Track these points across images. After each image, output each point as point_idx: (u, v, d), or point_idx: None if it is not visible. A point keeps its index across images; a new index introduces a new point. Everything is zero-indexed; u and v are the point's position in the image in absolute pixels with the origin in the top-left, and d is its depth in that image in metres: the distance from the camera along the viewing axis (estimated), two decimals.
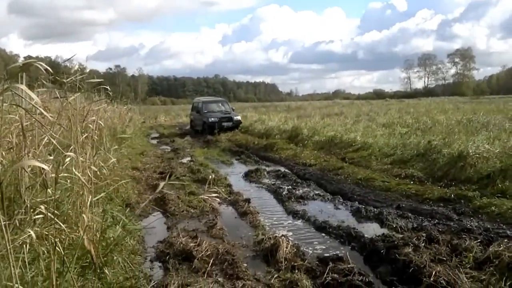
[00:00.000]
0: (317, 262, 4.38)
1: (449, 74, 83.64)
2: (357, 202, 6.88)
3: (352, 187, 7.99)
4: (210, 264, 4.64)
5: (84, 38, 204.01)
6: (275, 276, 4.22)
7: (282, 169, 10.63)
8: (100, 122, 7.30)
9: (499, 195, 6.05)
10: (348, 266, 4.10)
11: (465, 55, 79.61)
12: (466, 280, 3.51)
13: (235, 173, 11.18)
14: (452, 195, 6.37)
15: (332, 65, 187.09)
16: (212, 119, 21.12)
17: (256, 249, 5.12)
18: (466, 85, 74.49)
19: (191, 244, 5.18)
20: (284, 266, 4.43)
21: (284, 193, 7.71)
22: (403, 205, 6.33)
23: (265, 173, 10.24)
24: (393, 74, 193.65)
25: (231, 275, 4.36)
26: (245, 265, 4.60)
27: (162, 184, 3.34)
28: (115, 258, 4.13)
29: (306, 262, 4.46)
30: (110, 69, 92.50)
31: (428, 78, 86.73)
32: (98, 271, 3.56)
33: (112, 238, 4.31)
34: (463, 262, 3.91)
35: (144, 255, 5.22)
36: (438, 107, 27.43)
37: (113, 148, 9.27)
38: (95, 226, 4.06)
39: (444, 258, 3.96)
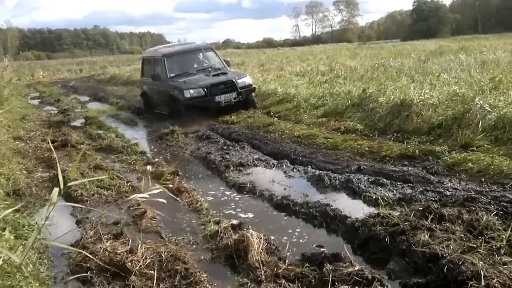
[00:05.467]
0: (307, 264, 3.24)
1: (335, 21, 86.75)
2: (308, 166, 5.84)
3: (293, 146, 6.94)
4: (155, 281, 3.27)
5: None
6: None
7: (201, 128, 9.19)
8: None
9: (471, 148, 5.43)
10: (355, 269, 3.02)
11: (349, 2, 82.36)
12: None
13: (145, 137, 9.55)
14: (416, 151, 5.62)
15: (218, 14, 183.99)
16: (192, 91, 9.88)
17: (212, 247, 3.82)
18: (351, 32, 77.80)
19: (121, 250, 3.71)
20: (263, 273, 3.22)
21: (217, 160, 6.40)
22: (364, 167, 5.45)
23: (182, 134, 8.75)
24: (280, 22, 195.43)
25: None
26: (205, 275, 3.30)
27: None
28: None
29: (290, 265, 3.30)
30: None
31: (315, 25, 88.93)
32: None
33: None
34: (494, 247, 3.07)
35: (51, 272, 3.63)
36: (335, 53, 27.59)
37: None
38: None
39: (474, 245, 3.08)
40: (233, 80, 10.20)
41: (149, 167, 5.75)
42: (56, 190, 1.92)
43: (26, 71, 37.16)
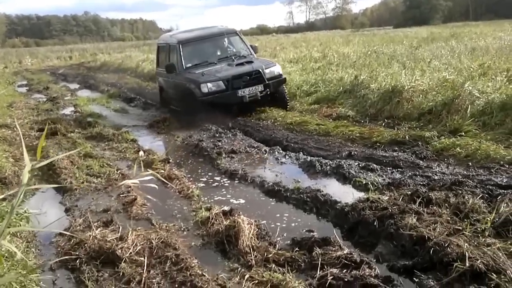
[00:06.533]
0: (297, 249, 3.29)
1: (329, 8, 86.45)
2: (300, 152, 5.88)
3: (285, 133, 6.96)
4: (145, 267, 3.30)
5: None
6: (246, 277, 3.05)
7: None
8: None
9: (460, 133, 5.51)
10: (344, 252, 3.08)
11: None
12: (507, 259, 2.72)
13: (136, 125, 9.48)
14: (406, 137, 5.68)
15: (211, 0, 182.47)
16: (210, 85, 8.20)
17: (202, 233, 3.85)
18: (345, 18, 77.51)
19: (111, 238, 3.73)
20: (253, 258, 3.26)
21: (209, 147, 6.40)
22: (355, 153, 5.50)
23: (174, 122, 8.73)
24: (273, 9, 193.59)
25: (183, 283, 3.07)
26: (196, 261, 3.34)
27: None
28: None
29: (280, 249, 3.35)
30: None
31: (309, 12, 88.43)
32: None
33: None
34: (479, 230, 3.13)
35: (39, 260, 3.64)
36: (329, 40, 27.46)
37: None
38: None
39: (460, 228, 3.14)
40: (260, 70, 8.31)
41: (141, 153, 5.74)
42: (26, 170, 1.91)
43: (13, 58, 36.67)
